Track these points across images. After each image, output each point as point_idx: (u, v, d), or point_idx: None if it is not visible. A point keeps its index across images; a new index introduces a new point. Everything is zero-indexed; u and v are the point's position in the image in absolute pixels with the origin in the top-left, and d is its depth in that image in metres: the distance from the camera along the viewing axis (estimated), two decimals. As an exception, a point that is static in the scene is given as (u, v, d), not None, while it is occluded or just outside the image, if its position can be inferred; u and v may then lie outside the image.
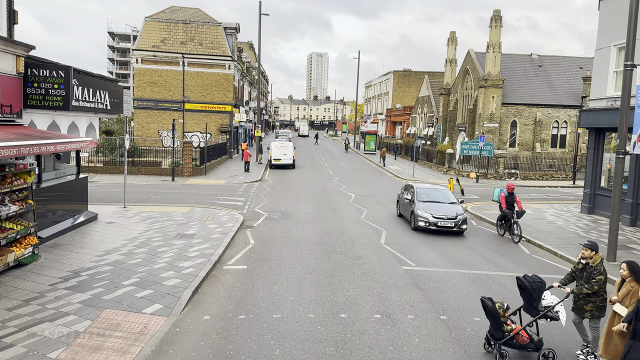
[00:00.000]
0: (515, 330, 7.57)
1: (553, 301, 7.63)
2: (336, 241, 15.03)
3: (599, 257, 7.70)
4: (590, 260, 7.70)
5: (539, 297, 7.59)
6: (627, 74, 13.34)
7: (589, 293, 7.58)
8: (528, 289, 7.57)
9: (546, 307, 7.60)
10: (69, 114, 13.56)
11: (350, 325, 8.77)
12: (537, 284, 7.59)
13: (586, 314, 7.74)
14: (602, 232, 17.36)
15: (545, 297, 7.66)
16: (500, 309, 7.68)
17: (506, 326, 7.66)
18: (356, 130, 77.39)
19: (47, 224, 13.44)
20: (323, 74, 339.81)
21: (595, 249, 7.74)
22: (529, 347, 7.58)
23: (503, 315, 7.69)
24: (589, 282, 7.57)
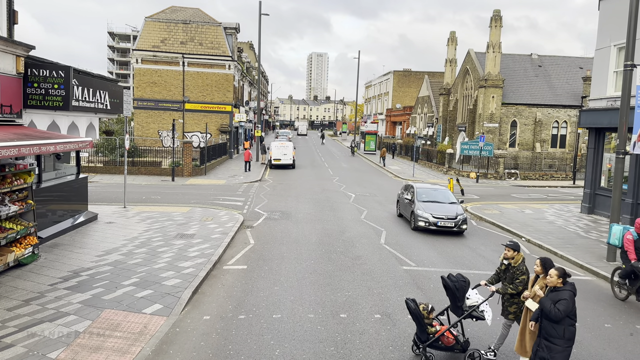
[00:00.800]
0: (440, 331, 7.38)
1: (478, 300, 7.46)
2: (336, 241, 15.02)
3: (521, 256, 7.59)
4: (512, 261, 7.58)
5: (462, 296, 7.42)
6: (627, 74, 13.34)
7: (514, 294, 7.44)
8: (451, 289, 7.39)
9: (471, 306, 7.43)
10: (69, 114, 13.56)
11: (350, 325, 8.77)
12: (460, 283, 7.41)
13: (510, 315, 7.59)
14: (602, 232, 17.35)
15: (470, 297, 7.50)
16: (425, 310, 7.48)
17: (431, 328, 7.46)
18: (356, 130, 77.39)
19: (47, 224, 13.44)
20: (323, 74, 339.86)
21: (517, 248, 7.62)
22: (455, 348, 7.43)
23: (427, 317, 7.48)
24: (513, 282, 7.44)
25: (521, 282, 7.38)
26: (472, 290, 7.57)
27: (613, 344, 8.56)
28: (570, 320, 6.17)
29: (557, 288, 6.30)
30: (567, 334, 6.16)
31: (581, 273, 12.88)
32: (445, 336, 7.39)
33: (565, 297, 6.14)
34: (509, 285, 7.49)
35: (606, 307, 10.35)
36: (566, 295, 6.16)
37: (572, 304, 6.13)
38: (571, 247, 15.12)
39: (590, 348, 8.34)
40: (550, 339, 6.18)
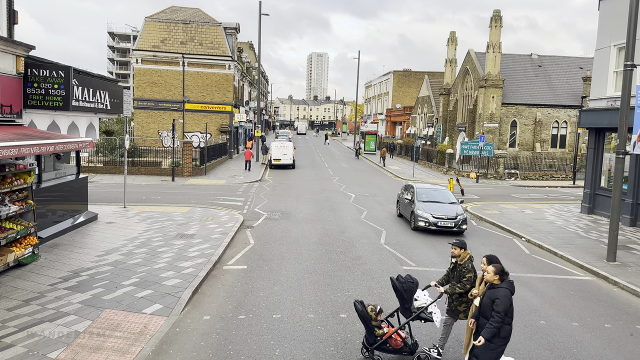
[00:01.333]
0: (387, 333, 7.23)
1: (426, 302, 7.32)
2: (336, 241, 15.03)
3: (467, 254, 7.50)
4: (458, 259, 7.48)
5: (410, 298, 7.27)
6: (627, 74, 13.34)
7: (462, 292, 7.33)
8: (399, 290, 7.24)
9: (419, 308, 7.29)
10: (69, 114, 13.56)
11: (350, 325, 8.76)
12: (408, 284, 7.25)
13: (460, 315, 7.46)
14: (602, 232, 17.36)
15: (418, 298, 7.36)
16: (373, 312, 7.32)
17: (378, 330, 7.28)
18: (356, 130, 77.41)
19: (47, 224, 13.44)
20: (323, 74, 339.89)
21: (463, 246, 7.52)
22: (403, 350, 7.31)
23: (375, 319, 7.32)
24: (460, 281, 7.34)
25: (468, 280, 7.27)
26: (420, 292, 7.45)
27: (613, 344, 8.56)
28: (506, 319, 6.08)
29: (494, 285, 6.23)
30: (502, 333, 6.07)
31: (581, 273, 12.88)
32: (393, 338, 7.26)
33: (500, 295, 6.05)
34: (457, 284, 7.37)
35: (606, 307, 10.35)
36: (501, 293, 6.07)
37: (509, 302, 6.04)
38: (571, 247, 15.12)
39: (590, 348, 8.34)
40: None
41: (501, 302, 6.00)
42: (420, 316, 7.26)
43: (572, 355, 8.05)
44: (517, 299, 10.54)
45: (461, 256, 7.49)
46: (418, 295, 7.36)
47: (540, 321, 9.38)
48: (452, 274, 7.63)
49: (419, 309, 7.27)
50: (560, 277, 12.37)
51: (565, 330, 9.01)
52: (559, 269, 13.13)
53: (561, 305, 10.35)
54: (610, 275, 12.23)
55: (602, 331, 9.08)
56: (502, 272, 6.32)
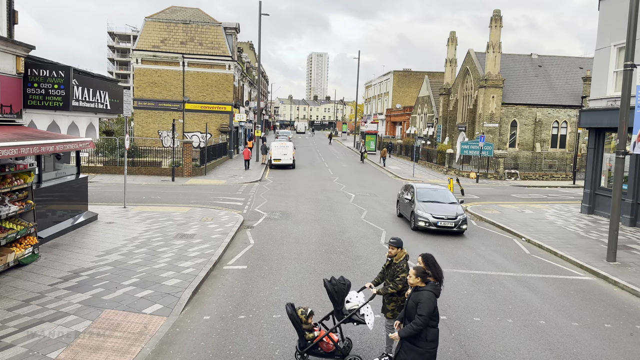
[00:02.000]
0: (318, 337, 7.04)
1: (358, 303, 7.12)
2: (336, 241, 15.03)
3: (403, 253, 7.35)
4: (394, 258, 7.32)
5: (341, 300, 7.10)
6: (627, 74, 13.34)
7: (394, 292, 7.17)
8: (330, 292, 7.08)
9: (350, 310, 7.09)
10: (69, 114, 13.57)
11: (350, 326, 8.75)
12: (339, 286, 7.09)
13: (387, 313, 7.35)
14: (602, 232, 17.36)
15: (350, 300, 7.16)
16: (303, 315, 7.12)
17: (309, 333, 7.09)
18: (356, 130, 77.41)
19: (47, 224, 13.44)
20: (323, 74, 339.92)
21: (400, 245, 7.35)
22: (335, 354, 7.15)
23: (306, 322, 7.12)
24: (393, 280, 7.18)
25: (401, 280, 7.11)
26: (352, 293, 7.25)
27: (613, 344, 8.56)
28: (431, 322, 5.91)
29: (419, 288, 6.04)
30: (429, 336, 5.88)
31: (581, 273, 12.88)
32: (324, 342, 7.08)
33: (423, 298, 5.87)
34: (390, 283, 7.23)
35: (606, 307, 10.36)
36: (425, 296, 5.89)
37: (433, 305, 5.87)
38: (571, 247, 15.12)
39: (590, 348, 8.34)
40: (412, 340, 5.88)
41: (424, 305, 5.81)
42: (352, 318, 7.06)
43: (572, 355, 8.05)
44: (517, 298, 10.56)
45: (397, 255, 7.32)
46: (350, 297, 7.17)
47: (540, 321, 9.38)
48: (386, 271, 7.44)
49: (351, 311, 7.08)
50: (560, 277, 12.37)
51: (565, 330, 9.01)
52: (559, 269, 13.13)
53: (561, 305, 10.35)
54: (610, 275, 12.23)
55: (602, 331, 9.08)
56: (425, 274, 6.11)
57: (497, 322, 9.27)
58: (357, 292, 7.41)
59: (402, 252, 7.36)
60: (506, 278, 12.05)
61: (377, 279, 7.60)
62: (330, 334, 7.14)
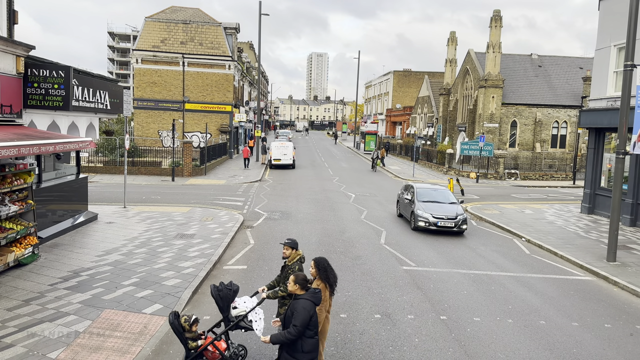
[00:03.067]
0: (202, 346, 6.65)
1: (246, 309, 6.80)
2: (336, 241, 15.03)
3: (297, 255, 7.11)
4: (288, 260, 7.10)
5: (227, 306, 6.77)
6: (627, 74, 13.34)
7: (284, 295, 6.90)
8: (215, 298, 6.73)
9: (237, 316, 6.76)
10: (69, 114, 13.56)
11: (350, 325, 8.77)
12: (224, 291, 6.74)
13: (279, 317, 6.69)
14: (602, 232, 17.36)
15: (237, 306, 6.84)
16: (186, 323, 6.66)
17: (192, 342, 6.66)
18: (356, 130, 77.42)
19: (47, 224, 13.44)
20: (323, 74, 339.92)
21: (294, 246, 7.12)
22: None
23: (189, 330, 6.67)
24: (285, 282, 6.85)
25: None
26: (242, 299, 6.94)
27: (613, 344, 8.56)
28: (308, 332, 5.61)
29: (297, 296, 5.77)
30: (305, 347, 5.58)
31: (581, 273, 12.88)
32: (209, 350, 6.69)
33: (298, 307, 5.58)
34: (281, 286, 6.99)
35: (606, 308, 10.36)
36: (300, 305, 5.60)
37: (308, 315, 5.56)
38: (571, 247, 15.12)
39: (590, 348, 8.34)
40: (289, 351, 5.61)
41: (298, 315, 5.53)
42: (240, 325, 6.74)
43: (572, 355, 8.05)
44: (517, 299, 10.56)
45: (291, 256, 7.07)
46: (238, 303, 6.86)
47: (540, 321, 9.38)
48: (281, 274, 7.21)
49: (238, 317, 6.76)
50: (560, 277, 12.37)
51: (565, 330, 9.01)
52: (559, 269, 13.13)
53: (561, 305, 10.35)
54: (610, 275, 12.23)
55: (602, 331, 9.08)
56: (304, 281, 5.81)
57: (497, 322, 9.27)
58: (250, 296, 7.13)
59: (296, 254, 7.11)
60: (506, 278, 12.05)
61: (273, 282, 7.33)
62: (216, 342, 6.72)
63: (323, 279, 6.33)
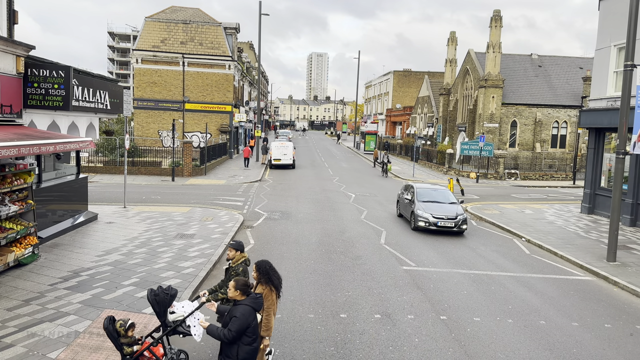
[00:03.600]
0: (137, 352, 6.40)
1: (184, 314, 6.53)
2: (336, 241, 15.03)
3: (242, 257, 6.97)
4: (232, 262, 6.95)
5: (163, 311, 6.50)
6: (627, 74, 13.34)
7: (225, 298, 6.72)
8: (152, 303, 6.45)
9: (175, 321, 6.50)
10: (69, 114, 13.56)
11: (350, 326, 8.77)
12: (161, 296, 6.48)
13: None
14: (602, 232, 17.36)
15: (175, 311, 6.59)
16: (122, 328, 6.38)
17: (127, 348, 6.37)
18: (356, 130, 77.40)
19: (47, 224, 13.44)
20: (323, 74, 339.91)
21: (238, 248, 6.97)
22: None
23: (125, 335, 6.39)
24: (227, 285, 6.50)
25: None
26: (181, 303, 6.72)
27: (613, 344, 8.56)
28: (246, 339, 5.43)
29: (238, 302, 5.59)
30: (241, 354, 5.41)
31: (581, 273, 12.88)
32: (145, 356, 6.43)
33: (237, 313, 5.41)
34: (221, 290, 6.81)
35: (606, 308, 10.36)
36: (239, 311, 5.42)
37: (247, 321, 5.39)
38: (571, 247, 15.12)
39: (590, 348, 8.34)
40: (226, 358, 5.48)
41: (236, 320, 5.35)
42: (178, 330, 6.50)
43: (572, 355, 8.05)
44: (517, 299, 10.56)
45: (235, 258, 6.92)
46: (176, 308, 6.62)
47: (540, 321, 9.38)
48: (225, 277, 7.04)
49: (175, 322, 6.51)
50: (560, 277, 12.37)
51: (565, 330, 9.01)
52: (559, 269, 13.13)
53: (561, 305, 10.35)
54: (610, 276, 12.23)
55: (602, 331, 9.08)
56: (245, 286, 5.61)
57: (497, 322, 9.27)
58: (191, 300, 6.91)
59: (240, 256, 6.96)
60: (506, 278, 12.05)
61: (215, 285, 7.17)
62: (153, 347, 6.45)
63: (266, 282, 6.12)
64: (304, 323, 8.79)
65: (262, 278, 6.17)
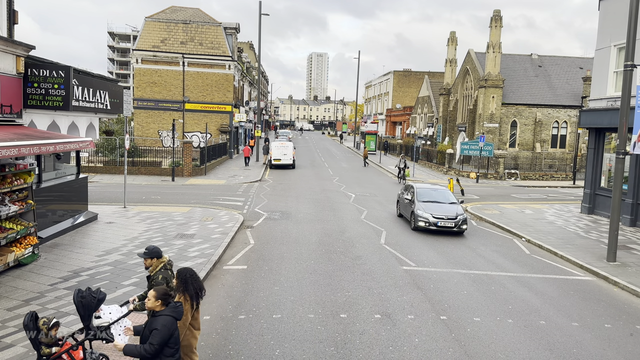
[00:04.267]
0: (55, 354, 5.98)
1: (109, 320, 6.26)
2: (336, 241, 15.02)
3: (161, 263, 6.60)
4: (150, 270, 6.59)
5: (88, 315, 6.17)
6: (627, 74, 13.34)
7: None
8: (77, 305, 6.14)
9: (99, 327, 6.21)
10: (69, 114, 13.56)
11: (350, 326, 8.77)
12: (88, 299, 6.16)
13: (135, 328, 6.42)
14: (602, 232, 17.36)
15: (102, 316, 6.29)
16: (45, 326, 6.00)
17: (46, 349, 5.98)
18: (356, 130, 77.41)
19: (47, 224, 13.43)
20: (323, 74, 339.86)
21: (154, 255, 6.56)
22: None
23: (47, 334, 6.02)
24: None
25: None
26: (109, 308, 6.44)
27: (613, 344, 8.56)
28: (168, 350, 5.15)
29: (156, 313, 5.25)
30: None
31: (581, 273, 12.88)
32: (62, 359, 6.06)
33: (158, 325, 5.09)
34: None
35: (606, 308, 10.36)
36: (160, 322, 5.12)
37: (168, 332, 5.10)
38: (571, 247, 15.12)
39: (590, 348, 8.34)
40: None
41: (158, 333, 5.05)
42: (101, 336, 6.21)
43: (572, 355, 8.05)
44: (517, 299, 10.56)
45: (153, 266, 6.57)
46: (103, 312, 6.33)
47: (540, 321, 9.38)
48: (148, 286, 6.67)
49: (99, 327, 6.23)
50: (560, 277, 12.37)
51: (565, 331, 9.01)
52: (559, 269, 13.13)
53: (561, 305, 10.35)
54: (610, 276, 12.23)
55: (602, 331, 9.08)
56: (166, 296, 5.29)
57: (497, 322, 9.27)
58: (120, 305, 6.68)
59: (158, 262, 6.59)
60: (506, 278, 12.05)
61: (145, 292, 6.80)
62: (72, 351, 6.08)
63: (182, 291, 5.83)
64: (304, 323, 8.79)
65: (180, 286, 5.89)
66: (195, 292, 5.92)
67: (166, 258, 6.72)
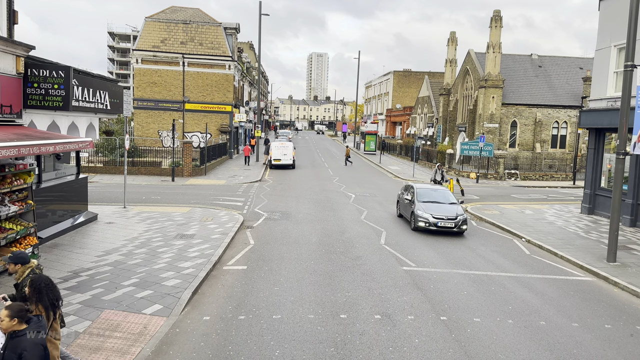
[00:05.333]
0: None
1: None
2: (336, 241, 15.02)
3: (27, 268, 6.11)
4: (15, 276, 6.12)
5: None
6: (627, 74, 13.34)
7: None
8: None
9: None
10: (69, 114, 13.56)
11: (350, 326, 8.76)
12: None
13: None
14: (602, 233, 17.35)
15: None
16: None
17: None
18: (356, 130, 77.41)
19: (47, 224, 13.43)
20: (323, 74, 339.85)
21: (18, 261, 6.06)
22: None
23: None
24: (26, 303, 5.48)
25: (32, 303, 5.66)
26: None
27: (613, 344, 8.56)
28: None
29: (16, 333, 4.60)
30: None
31: (581, 273, 12.88)
32: None
33: (27, 347, 4.51)
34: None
35: (606, 308, 10.35)
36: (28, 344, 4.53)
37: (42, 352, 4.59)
38: (571, 248, 15.11)
39: (591, 349, 8.33)
40: None
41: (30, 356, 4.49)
42: None
43: (573, 355, 8.05)
44: (518, 299, 10.56)
45: (18, 273, 6.08)
46: None
47: (540, 322, 9.38)
48: (17, 294, 6.14)
49: None
50: (560, 278, 12.36)
51: (566, 331, 9.00)
52: (559, 270, 13.12)
53: (561, 305, 10.35)
54: (610, 276, 12.23)
55: (603, 332, 9.08)
56: (22, 312, 4.66)
57: (497, 322, 9.26)
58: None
59: (24, 268, 6.11)
60: (506, 279, 12.05)
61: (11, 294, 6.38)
62: None
63: (36, 302, 5.30)
64: (304, 323, 8.79)
65: (34, 296, 5.37)
66: (51, 303, 5.47)
67: (34, 263, 6.22)
